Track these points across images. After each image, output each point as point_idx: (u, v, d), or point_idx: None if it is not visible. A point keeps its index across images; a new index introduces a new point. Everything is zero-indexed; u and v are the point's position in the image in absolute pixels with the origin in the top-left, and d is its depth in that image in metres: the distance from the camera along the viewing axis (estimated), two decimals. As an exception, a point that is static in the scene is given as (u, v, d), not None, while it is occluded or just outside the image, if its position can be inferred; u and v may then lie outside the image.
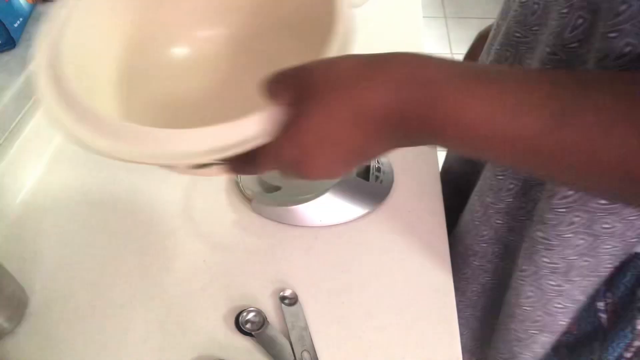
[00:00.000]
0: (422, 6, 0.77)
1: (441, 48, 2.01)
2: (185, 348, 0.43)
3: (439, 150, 0.59)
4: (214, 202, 0.54)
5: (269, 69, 0.30)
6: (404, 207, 0.52)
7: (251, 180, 0.54)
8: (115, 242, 0.51)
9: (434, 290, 0.46)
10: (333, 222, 0.51)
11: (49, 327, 0.45)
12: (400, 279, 0.47)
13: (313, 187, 0.51)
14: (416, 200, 0.53)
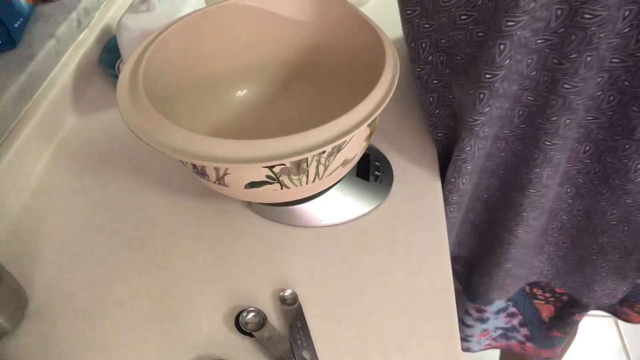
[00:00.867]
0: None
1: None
2: (185, 348, 0.43)
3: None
4: (214, 202, 0.54)
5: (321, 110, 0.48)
6: (404, 207, 0.52)
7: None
8: (115, 242, 0.51)
9: (434, 290, 0.46)
10: (333, 222, 0.51)
11: (49, 327, 0.45)
12: (400, 279, 0.47)
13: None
14: (416, 200, 0.53)
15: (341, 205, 0.51)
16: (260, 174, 0.40)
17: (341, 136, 0.36)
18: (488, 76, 0.43)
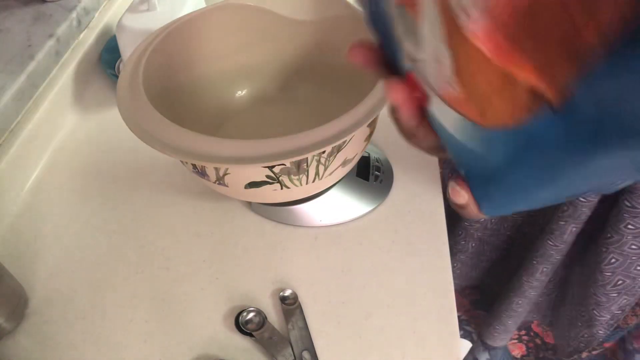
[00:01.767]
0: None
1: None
2: (185, 348, 0.43)
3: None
4: (214, 202, 0.54)
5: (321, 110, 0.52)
6: (404, 207, 0.52)
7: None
8: (115, 242, 0.51)
9: (434, 290, 0.46)
10: (333, 222, 0.51)
11: (49, 327, 0.45)
12: (400, 279, 0.47)
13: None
14: (416, 200, 0.53)
15: (341, 205, 0.51)
16: (260, 174, 0.40)
17: (341, 136, 0.36)
18: None
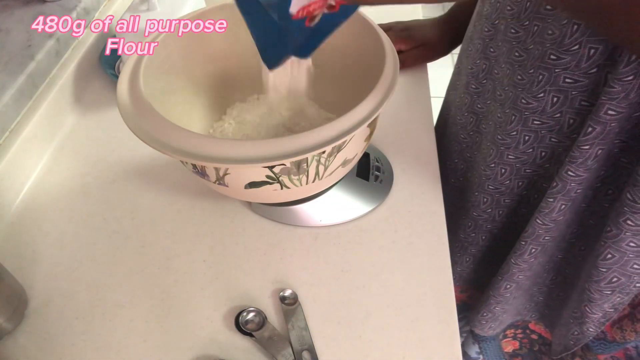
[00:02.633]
0: (422, 6, 0.77)
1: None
2: (185, 348, 0.43)
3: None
4: (214, 202, 0.54)
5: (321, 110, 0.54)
6: (404, 207, 0.52)
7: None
8: (115, 242, 0.51)
9: (434, 290, 0.46)
10: (333, 222, 0.51)
11: (49, 327, 0.45)
12: (400, 279, 0.47)
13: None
14: (416, 200, 0.53)
15: (341, 205, 0.51)
16: (260, 174, 0.40)
17: (341, 136, 0.36)
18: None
